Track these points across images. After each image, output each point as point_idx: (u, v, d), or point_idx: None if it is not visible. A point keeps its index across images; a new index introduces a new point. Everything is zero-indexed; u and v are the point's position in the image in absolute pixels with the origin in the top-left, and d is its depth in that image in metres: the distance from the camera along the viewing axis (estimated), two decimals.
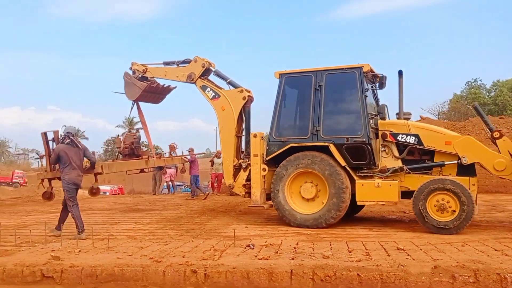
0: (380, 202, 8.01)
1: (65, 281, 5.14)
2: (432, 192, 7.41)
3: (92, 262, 5.38)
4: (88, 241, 6.83)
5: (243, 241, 6.60)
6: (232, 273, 4.95)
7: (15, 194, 27.11)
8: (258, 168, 8.81)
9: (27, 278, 5.18)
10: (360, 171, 8.26)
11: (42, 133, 8.58)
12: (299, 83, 8.98)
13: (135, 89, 11.29)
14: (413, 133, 8.13)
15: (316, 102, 8.44)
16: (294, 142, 8.51)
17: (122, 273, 5.07)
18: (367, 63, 8.28)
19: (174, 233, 7.72)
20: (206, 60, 10.03)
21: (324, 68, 8.55)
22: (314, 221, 8.13)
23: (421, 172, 8.05)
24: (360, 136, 8.04)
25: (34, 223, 9.33)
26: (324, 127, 8.34)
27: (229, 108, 9.54)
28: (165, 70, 10.81)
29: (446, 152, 7.90)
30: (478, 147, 7.78)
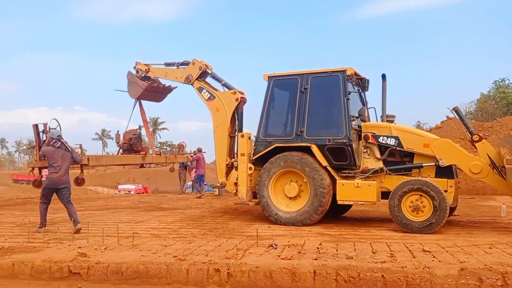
0: (359, 201, 8.29)
1: (91, 277, 5.24)
2: (407, 193, 7.62)
3: (118, 259, 5.47)
4: (113, 239, 6.94)
5: (266, 241, 6.60)
6: (255, 272, 4.95)
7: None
8: (244, 167, 9.16)
9: (55, 274, 5.30)
10: (342, 171, 8.52)
11: (33, 124, 9.32)
12: (286, 85, 9.27)
13: (137, 88, 11.81)
14: (393, 135, 8.35)
15: (301, 104, 8.72)
16: (279, 142, 8.84)
17: (147, 271, 5.14)
18: (350, 66, 8.53)
19: (197, 232, 7.78)
20: (204, 62, 10.38)
21: (309, 72, 8.83)
22: (297, 218, 8.42)
23: (401, 173, 8.26)
24: (341, 138, 8.32)
25: (62, 221, 9.54)
26: (308, 128, 8.63)
27: (223, 109, 9.81)
28: (165, 71, 11.21)
29: (424, 154, 8.12)
30: (455, 149, 7.99)
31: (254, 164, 9.17)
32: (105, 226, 8.17)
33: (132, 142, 12.26)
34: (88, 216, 10.31)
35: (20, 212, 11.43)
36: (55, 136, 8.25)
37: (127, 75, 12.14)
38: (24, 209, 12.47)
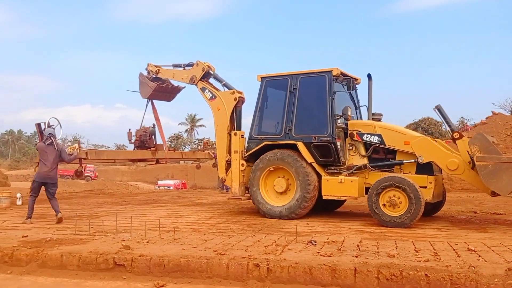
0: (342, 196, 8.75)
1: (135, 269, 5.39)
2: (385, 189, 7.92)
3: (160, 253, 5.60)
4: (155, 233, 7.11)
5: (305, 237, 6.57)
6: (295, 268, 4.94)
7: (87, 187, 28.83)
8: (237, 164, 9.68)
9: (100, 265, 5.48)
10: (328, 167, 8.91)
11: (36, 124, 10.18)
12: (278, 85, 9.65)
13: (147, 88, 12.71)
14: (377, 133, 8.67)
15: (290, 104, 9.15)
16: (269, 140, 9.30)
17: (188, 264, 5.23)
18: (336, 67, 8.88)
19: (236, 227, 7.85)
20: (207, 64, 10.94)
21: (299, 72, 9.25)
22: (285, 212, 8.85)
23: (384, 170, 8.58)
24: (326, 136, 8.69)
25: (106, 214, 9.86)
26: (296, 126, 9.05)
27: (223, 108, 10.25)
28: (173, 72, 11.84)
29: (405, 152, 8.41)
30: (433, 147, 8.21)
31: (247, 160, 9.66)
32: (147, 220, 8.37)
33: (142, 139, 13.02)
34: (130, 211, 10.62)
35: (67, 206, 11.89)
36: (46, 134, 8.99)
37: (139, 76, 12.93)
38: (70, 202, 12.97)
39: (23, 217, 9.46)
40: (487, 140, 7.59)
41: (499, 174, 7.26)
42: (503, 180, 7.24)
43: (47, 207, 11.45)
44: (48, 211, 10.72)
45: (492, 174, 7.31)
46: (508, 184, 7.24)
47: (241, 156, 9.68)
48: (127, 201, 13.60)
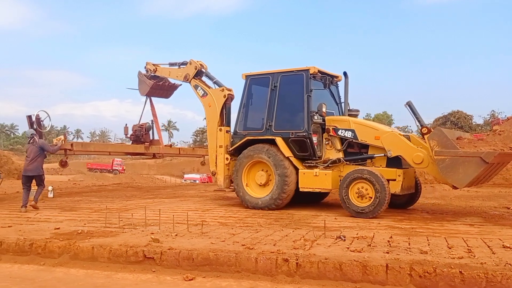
0: (317, 189, 9.12)
1: (164, 262, 5.42)
2: (353, 181, 8.38)
3: (188, 246, 5.62)
4: (183, 226, 7.15)
5: (334, 232, 6.49)
6: (324, 263, 4.88)
7: (115, 180, 29.38)
8: (222, 158, 10.32)
9: (130, 258, 5.54)
10: (306, 161, 9.34)
11: (27, 116, 11.19)
12: (261, 83, 10.07)
13: (145, 86, 13.33)
14: (351, 128, 9.09)
15: (271, 101, 9.64)
16: (251, 135, 9.80)
17: (216, 258, 5.23)
18: (313, 66, 9.28)
19: (263, 221, 7.82)
20: (199, 62, 11.44)
21: (279, 70, 9.71)
22: (266, 202, 9.36)
23: (358, 163, 9.00)
24: (302, 131, 9.16)
25: (134, 207, 9.99)
26: (276, 122, 9.54)
27: (214, 104, 10.71)
28: (169, 70, 12.40)
29: (376, 146, 8.80)
30: (400, 141, 8.54)
31: (233, 155, 10.18)
32: (175, 213, 8.44)
33: (137, 134, 13.63)
34: (158, 204, 10.72)
35: (96, 199, 12.12)
36: (28, 135, 10.19)
37: (138, 74, 13.56)
38: (100, 195, 13.21)
39: (55, 209, 9.70)
40: (445, 135, 7.88)
41: (455, 167, 7.55)
42: (459, 173, 7.54)
43: (77, 200, 11.72)
44: (78, 203, 10.96)
45: (449, 168, 7.62)
46: (464, 177, 7.51)
47: (225, 151, 10.27)
48: (155, 194, 13.76)
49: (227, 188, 10.34)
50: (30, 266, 5.71)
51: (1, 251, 6.08)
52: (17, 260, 5.90)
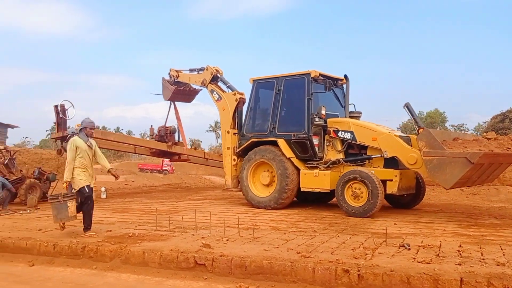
0: (317, 189, 9.36)
1: (216, 269, 5.18)
2: (348, 182, 8.62)
3: (241, 253, 5.35)
4: (234, 230, 6.90)
5: (395, 240, 6.02)
6: (390, 276, 4.44)
7: (164, 180, 29.81)
8: (230, 159, 10.86)
9: (181, 263, 5.34)
10: (308, 162, 9.62)
11: (54, 106, 12.04)
12: (266, 87, 10.45)
13: (167, 91, 14.10)
14: (350, 130, 9.29)
15: (276, 104, 10.03)
16: (256, 137, 10.23)
17: (271, 266, 4.92)
18: (314, 69, 9.54)
19: (317, 226, 7.44)
20: (215, 68, 11.99)
21: (284, 75, 10.10)
22: (268, 202, 9.75)
23: (357, 164, 9.18)
24: (303, 133, 9.51)
25: (184, 209, 9.89)
26: (279, 125, 9.95)
27: (227, 108, 11.25)
28: (189, 76, 13.11)
29: (374, 147, 8.95)
30: (396, 142, 8.63)
31: (240, 156, 10.65)
32: (225, 216, 8.24)
33: (161, 134, 14.32)
34: (207, 206, 10.58)
35: (147, 200, 12.16)
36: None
37: (161, 80, 14.32)
38: (150, 196, 13.28)
39: (107, 210, 9.77)
40: (433, 136, 7.94)
41: (442, 168, 7.67)
42: (446, 174, 7.63)
43: (129, 201, 11.80)
44: (129, 205, 11.02)
45: (436, 168, 7.73)
46: (451, 177, 7.58)
47: (233, 152, 10.79)
48: (204, 195, 13.68)
49: (234, 187, 10.81)
50: (82, 270, 5.64)
51: (55, 254, 6.07)
52: (69, 263, 5.86)
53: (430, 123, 65.51)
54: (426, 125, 64.03)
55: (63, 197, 6.46)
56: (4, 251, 6.36)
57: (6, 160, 11.16)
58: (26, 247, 6.27)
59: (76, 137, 6.92)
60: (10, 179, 10.34)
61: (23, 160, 21.10)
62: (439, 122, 68.78)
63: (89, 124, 7.04)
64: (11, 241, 6.41)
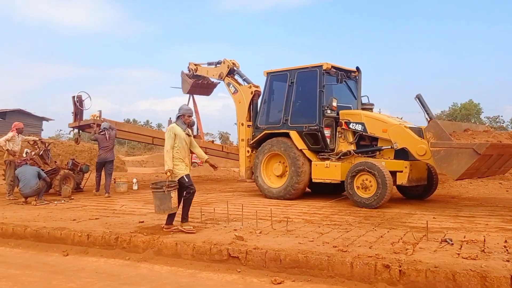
0: (327, 180, 9.49)
1: (249, 262, 5.05)
2: (358, 173, 8.67)
3: (275, 246, 5.21)
4: (266, 223, 6.77)
5: (436, 234, 5.75)
6: (434, 272, 4.20)
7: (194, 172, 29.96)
8: (244, 151, 11.14)
9: (214, 256, 5.24)
10: (320, 154, 9.80)
11: (72, 96, 12.46)
12: (280, 80, 10.58)
13: (186, 84, 14.37)
14: (361, 121, 9.35)
15: (289, 96, 10.18)
16: (269, 129, 10.41)
17: (307, 260, 4.75)
18: (325, 62, 9.65)
19: (352, 219, 7.22)
20: (232, 61, 12.10)
21: (296, 67, 10.21)
22: (281, 192, 9.97)
23: (368, 155, 9.21)
24: (314, 125, 9.64)
25: (215, 201, 9.83)
26: (292, 117, 10.09)
27: (243, 101, 11.36)
28: (207, 69, 13.29)
29: (384, 139, 9.00)
30: (406, 134, 8.63)
31: (254, 148, 10.86)
32: (257, 208, 8.12)
33: None
34: (238, 197, 10.49)
35: None
36: (102, 128, 11.23)
37: (180, 74, 14.57)
38: None
39: (139, 202, 9.81)
40: (440, 127, 7.95)
41: (450, 159, 7.65)
42: (453, 165, 7.60)
43: None
44: None
45: (443, 159, 7.74)
46: (458, 168, 7.53)
47: (247, 144, 11.04)
48: (234, 187, 13.61)
49: (248, 178, 11.02)
50: (115, 260, 5.63)
51: (89, 244, 6.08)
52: (103, 253, 5.86)
53: (465, 115, 63.53)
54: (461, 117, 62.29)
55: (167, 187, 6.04)
56: (40, 240, 6.43)
57: (41, 152, 11.35)
58: (61, 237, 6.30)
59: (175, 125, 6.44)
60: (45, 169, 10.50)
61: (57, 152, 21.60)
62: (474, 114, 66.58)
63: (187, 111, 6.57)
64: (46, 230, 6.46)
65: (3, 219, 7.36)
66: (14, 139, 10.64)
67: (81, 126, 12.55)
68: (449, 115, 64.47)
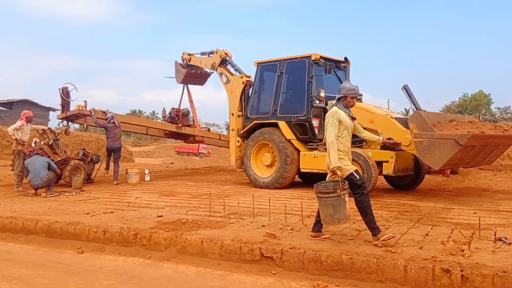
0: (315, 169, 9.49)
1: (285, 263, 4.55)
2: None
3: (312, 245, 4.71)
4: (295, 217, 6.29)
5: (485, 232, 5.21)
6: (503, 278, 3.68)
7: (201, 163, 29.57)
8: (234, 140, 11.23)
9: (245, 255, 4.75)
10: (308, 144, 9.89)
11: (58, 88, 12.35)
12: (270, 70, 10.66)
13: (179, 74, 14.37)
14: None
15: (278, 87, 10.31)
16: (259, 119, 10.50)
17: (352, 263, 4.24)
18: (314, 52, 9.72)
19: (386, 214, 6.70)
20: (224, 51, 12.12)
21: (286, 58, 10.31)
22: (269, 182, 10.09)
23: (355, 145, 8.97)
24: (302, 115, 9.76)
25: (233, 193, 9.35)
26: (280, 107, 10.22)
27: (235, 91, 11.40)
28: (200, 59, 13.25)
29: (371, 129, 8.56)
30: (391, 124, 8.63)
31: (244, 137, 10.94)
32: (278, 201, 7.66)
33: (172, 116, 14.46)
34: (256, 190, 9.98)
35: (192, 183, 11.70)
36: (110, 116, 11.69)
37: (174, 64, 14.54)
38: (195, 179, 12.82)
39: (153, 194, 9.35)
40: (423, 118, 7.95)
41: (432, 149, 7.71)
42: (435, 155, 7.66)
43: (174, 184, 11.38)
44: (175, 187, 10.59)
45: (426, 150, 7.82)
46: (440, 158, 7.59)
47: (237, 134, 11.12)
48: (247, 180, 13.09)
49: (238, 168, 11.10)
50: (135, 259, 5.14)
51: (105, 240, 5.59)
52: (121, 251, 5.37)
53: (475, 105, 62.62)
54: (471, 107, 61.38)
55: (341, 189, 4.72)
56: (52, 236, 5.96)
57: (51, 141, 10.88)
58: (75, 233, 5.82)
59: (337, 109, 5.07)
60: (55, 160, 10.03)
61: (65, 142, 21.18)
62: (484, 104, 65.59)
63: (350, 91, 5.17)
64: (58, 225, 5.99)
65: (12, 212, 6.90)
66: (22, 128, 10.17)
67: (68, 117, 12.43)
68: (459, 105, 63.58)
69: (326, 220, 4.85)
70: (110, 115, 11.71)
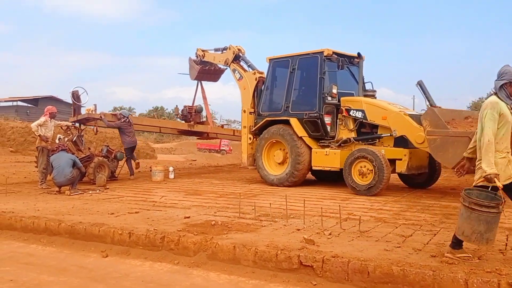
0: (327, 167, 9.45)
1: (327, 273, 4.13)
2: (356, 160, 8.57)
3: (356, 253, 4.27)
4: (330, 221, 5.85)
5: None
6: None
7: (223, 160, 29.27)
8: (246, 138, 11.06)
9: (282, 264, 4.35)
10: (320, 141, 9.72)
11: (70, 92, 12.16)
12: (282, 66, 10.43)
13: (193, 71, 14.17)
14: (361, 108, 9.20)
15: (290, 83, 10.06)
16: (271, 116, 10.29)
17: (404, 275, 3.79)
18: (327, 47, 9.48)
19: (430, 217, 6.20)
20: (237, 47, 11.94)
21: (298, 53, 10.04)
22: (281, 180, 9.91)
23: (368, 143, 9.08)
24: (314, 112, 9.53)
25: (261, 192, 8.97)
26: (292, 104, 9.98)
27: (248, 87, 11.16)
28: (213, 55, 13.05)
29: (384, 126, 8.87)
30: (405, 121, 8.53)
31: (256, 135, 10.80)
32: (309, 201, 7.24)
33: (185, 114, 14.35)
34: (284, 189, 9.55)
35: (217, 181, 11.37)
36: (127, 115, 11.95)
37: (188, 60, 14.32)
38: (219, 177, 12.48)
39: (179, 192, 9.05)
40: (437, 115, 7.75)
41: (445, 147, 7.52)
42: (449, 153, 7.46)
43: (198, 182, 11.07)
44: (200, 186, 10.27)
45: (439, 147, 7.61)
46: (454, 156, 7.33)
47: (249, 131, 10.96)
48: None
49: (250, 166, 10.94)
50: (162, 265, 4.80)
51: (130, 243, 5.27)
52: (147, 256, 5.04)
53: None
54: None
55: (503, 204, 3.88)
56: (75, 237, 5.68)
57: (75, 137, 10.70)
58: (99, 235, 5.52)
59: (497, 99, 4.00)
60: (79, 156, 9.82)
61: (89, 139, 21.15)
62: None
63: None
64: (82, 226, 5.70)
65: (35, 212, 6.67)
66: (46, 124, 9.99)
67: (79, 120, 12.22)
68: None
69: (472, 238, 3.93)
70: (125, 112, 11.97)
